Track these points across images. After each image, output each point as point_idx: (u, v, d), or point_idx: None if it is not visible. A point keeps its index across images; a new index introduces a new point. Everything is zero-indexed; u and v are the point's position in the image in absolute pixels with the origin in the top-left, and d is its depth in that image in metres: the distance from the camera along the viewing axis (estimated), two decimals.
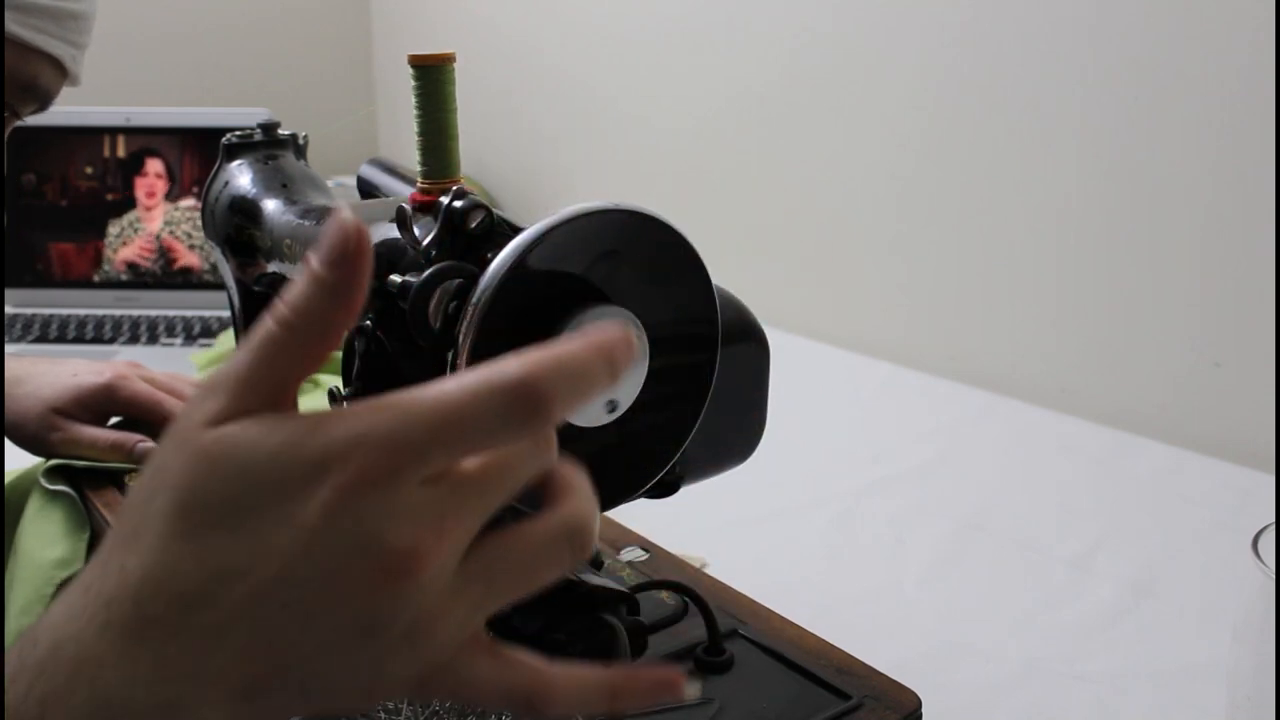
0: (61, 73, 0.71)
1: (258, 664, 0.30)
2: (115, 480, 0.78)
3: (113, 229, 1.36)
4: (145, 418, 0.80)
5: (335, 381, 0.53)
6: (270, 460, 0.30)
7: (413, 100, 0.52)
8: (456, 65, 0.52)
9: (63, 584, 0.72)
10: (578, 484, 0.34)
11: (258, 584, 0.30)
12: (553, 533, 0.33)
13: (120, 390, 0.80)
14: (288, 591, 0.30)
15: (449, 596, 0.31)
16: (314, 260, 0.32)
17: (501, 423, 0.31)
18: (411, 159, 0.54)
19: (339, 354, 0.67)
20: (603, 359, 0.32)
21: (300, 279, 0.32)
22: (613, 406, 0.48)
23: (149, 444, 0.78)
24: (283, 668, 0.31)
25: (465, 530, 0.31)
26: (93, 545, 0.76)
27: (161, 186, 1.36)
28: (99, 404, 0.80)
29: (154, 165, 1.36)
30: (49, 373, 0.81)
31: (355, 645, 0.31)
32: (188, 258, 1.36)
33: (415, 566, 0.30)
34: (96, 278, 1.37)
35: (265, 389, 0.32)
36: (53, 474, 0.77)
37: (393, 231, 0.54)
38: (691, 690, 0.34)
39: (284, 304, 0.32)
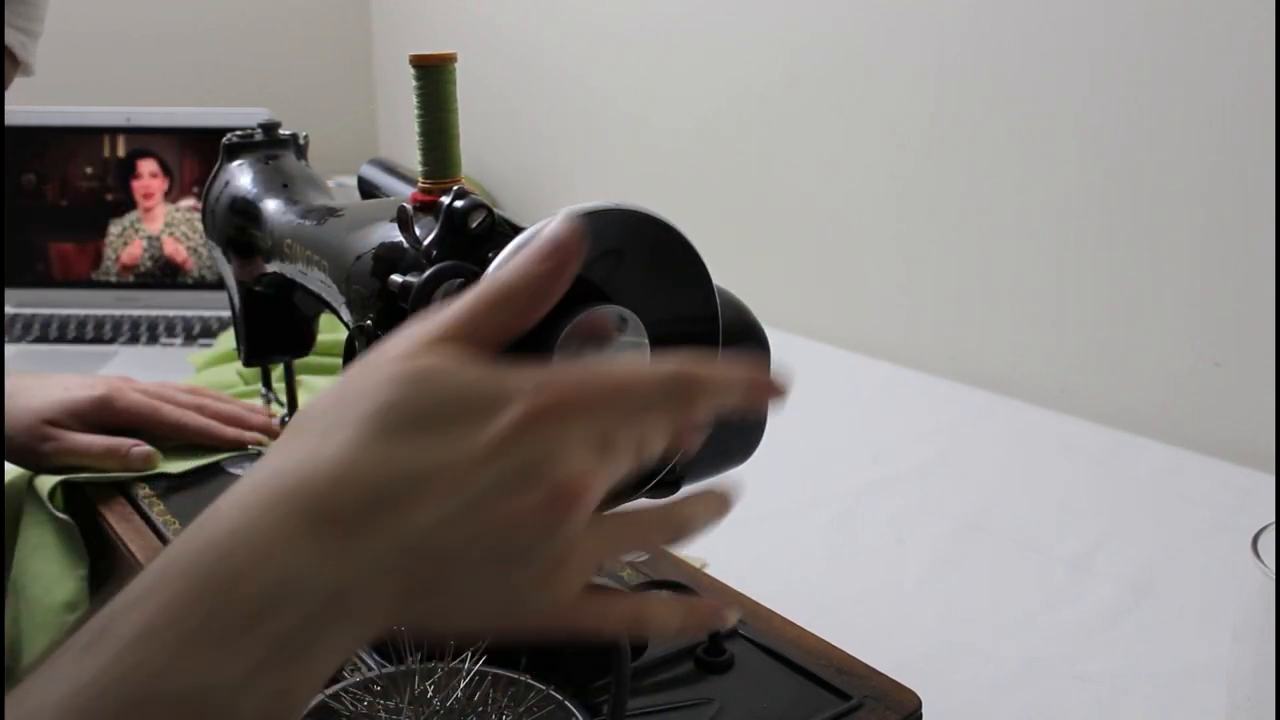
0: (13, 61, 0.71)
1: (423, 566, 0.33)
2: (123, 490, 0.77)
3: (114, 229, 1.36)
4: (144, 426, 0.80)
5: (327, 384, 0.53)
6: (465, 385, 0.34)
7: (413, 100, 0.52)
8: (457, 65, 0.52)
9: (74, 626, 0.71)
10: (709, 492, 0.40)
11: (439, 490, 0.33)
12: (663, 518, 0.38)
13: (116, 401, 0.80)
14: (465, 500, 0.33)
15: (586, 540, 0.35)
16: (531, 250, 0.38)
17: (655, 400, 0.36)
18: (412, 159, 0.54)
19: (338, 360, 0.67)
20: (744, 386, 0.38)
21: (514, 262, 0.38)
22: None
23: (144, 448, 0.78)
24: (445, 573, 0.33)
25: (610, 480, 0.35)
26: (92, 579, 0.75)
27: (158, 186, 1.36)
28: (94, 416, 0.79)
29: (147, 165, 1.36)
30: (37, 386, 0.81)
31: (509, 569, 0.34)
32: (186, 261, 1.36)
33: (575, 500, 0.34)
34: (96, 278, 1.37)
35: (470, 341, 0.36)
36: (57, 495, 0.76)
37: (393, 231, 0.54)
38: (732, 615, 0.41)
39: (495, 282, 0.37)
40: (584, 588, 0.36)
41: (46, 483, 0.76)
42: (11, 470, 0.80)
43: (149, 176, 1.36)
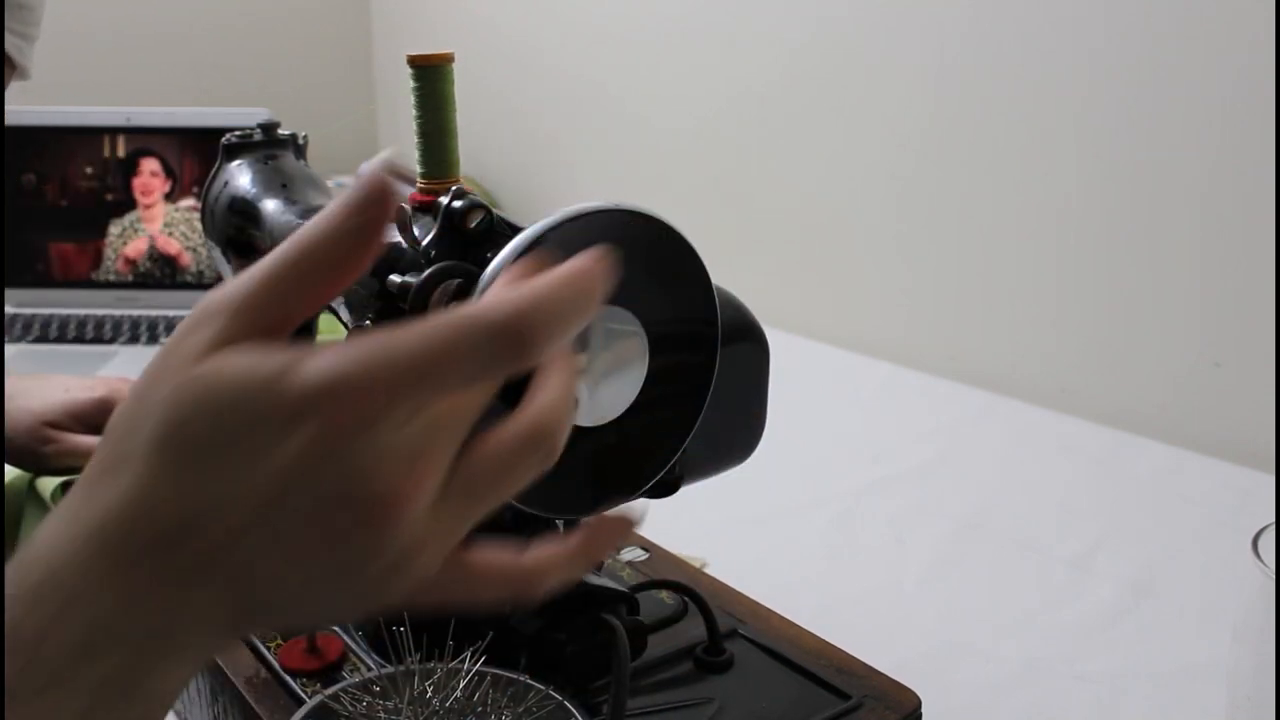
0: (9, 65, 0.70)
1: (244, 596, 0.31)
2: None
3: (114, 229, 1.36)
4: None
5: None
6: (252, 398, 0.30)
7: (412, 100, 0.52)
8: (456, 65, 0.52)
9: None
10: (545, 384, 0.33)
11: (240, 521, 0.30)
12: (521, 438, 0.32)
13: (117, 402, 0.80)
14: (269, 529, 0.30)
15: (429, 527, 0.31)
16: (337, 201, 0.32)
17: (487, 363, 0.30)
18: (411, 159, 0.54)
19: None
20: (582, 291, 0.31)
21: (320, 218, 0.32)
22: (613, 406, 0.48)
23: None
24: (267, 599, 0.31)
25: (443, 463, 0.31)
26: None
27: (158, 185, 1.36)
28: (93, 417, 0.79)
29: (149, 165, 1.36)
30: (36, 387, 0.81)
31: (340, 581, 0.31)
32: (180, 255, 1.36)
33: (396, 509, 0.30)
34: (96, 278, 1.37)
35: (265, 319, 0.32)
36: (58, 497, 0.76)
37: (392, 231, 0.54)
38: (639, 510, 0.35)
39: (297, 239, 0.32)
40: (449, 560, 0.32)
41: (49, 485, 0.76)
42: (11, 472, 0.80)
43: (150, 175, 1.36)
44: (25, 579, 0.31)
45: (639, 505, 0.35)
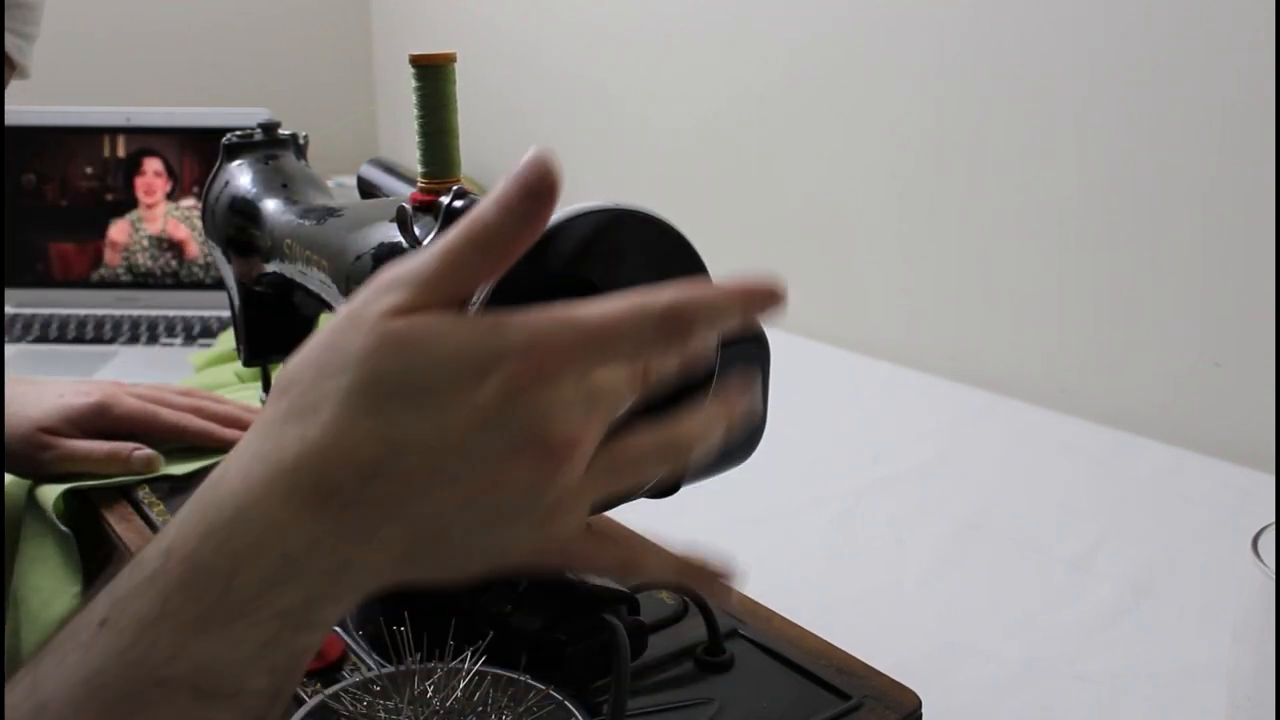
0: (9, 64, 0.70)
1: (423, 531, 0.34)
2: (125, 494, 0.77)
3: (114, 229, 1.36)
4: (141, 431, 0.80)
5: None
6: (455, 349, 0.34)
7: (413, 100, 0.52)
8: (456, 65, 0.52)
9: None
10: (707, 408, 0.38)
11: (432, 459, 0.33)
12: (659, 443, 0.37)
13: (113, 407, 0.80)
14: (459, 467, 0.33)
15: (585, 481, 0.35)
16: (509, 185, 0.36)
17: (650, 340, 0.35)
18: (411, 159, 0.54)
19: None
20: (739, 302, 0.37)
21: (493, 199, 0.36)
22: None
23: (146, 451, 0.78)
24: (443, 536, 0.34)
25: (602, 427, 0.35)
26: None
27: (161, 185, 1.36)
28: (90, 422, 0.79)
29: (152, 164, 1.36)
30: (32, 393, 0.80)
31: (508, 520, 0.34)
32: (187, 239, 1.36)
33: (570, 453, 0.34)
34: (96, 278, 1.37)
35: (446, 291, 0.36)
36: (59, 505, 0.76)
37: (393, 231, 0.54)
38: (728, 592, 0.41)
39: (476, 219, 0.36)
40: (580, 529, 0.36)
41: (50, 494, 0.76)
42: (8, 479, 0.79)
43: (153, 175, 1.36)
44: (217, 516, 0.33)
45: (729, 587, 0.41)
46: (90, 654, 0.31)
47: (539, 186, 0.36)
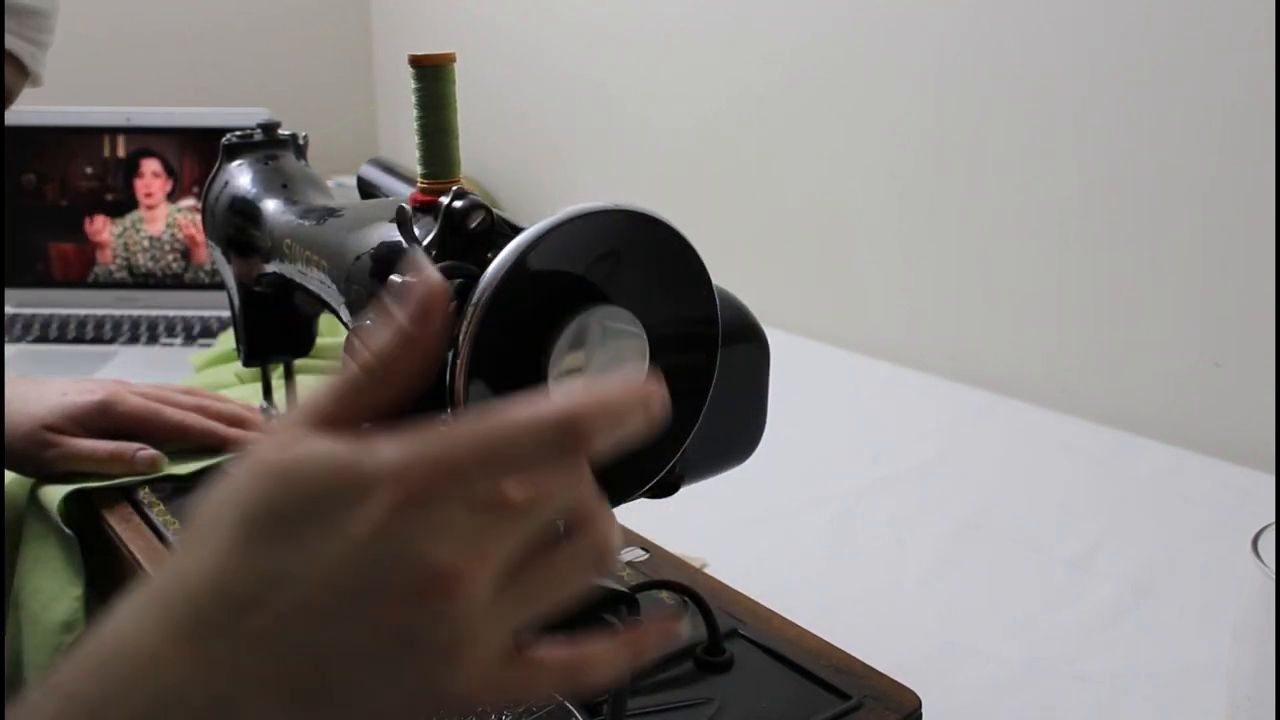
0: (22, 71, 0.70)
1: (303, 669, 0.32)
2: (126, 494, 0.77)
3: (114, 228, 1.36)
4: (144, 430, 0.80)
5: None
6: (326, 476, 0.33)
7: (413, 100, 0.52)
8: (456, 65, 0.52)
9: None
10: (602, 511, 0.36)
11: (306, 591, 0.32)
12: (580, 556, 0.35)
13: (116, 406, 0.79)
14: (333, 600, 0.32)
15: (486, 615, 0.33)
16: (400, 314, 0.35)
17: (543, 453, 0.33)
18: (411, 159, 0.54)
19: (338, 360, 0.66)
20: (639, 404, 0.35)
21: (385, 329, 0.36)
22: None
23: (149, 451, 0.78)
24: (326, 675, 0.32)
25: (502, 553, 0.33)
26: (96, 589, 0.75)
27: (160, 186, 1.36)
28: (94, 420, 0.79)
29: (150, 165, 1.36)
30: (34, 391, 0.80)
31: (395, 658, 0.32)
32: (200, 255, 1.36)
33: (455, 585, 0.32)
34: (92, 278, 1.36)
35: (341, 424, 0.35)
36: (64, 504, 0.76)
37: (393, 232, 0.54)
38: (684, 628, 0.39)
39: (370, 351, 0.36)
40: (505, 656, 0.34)
41: (55, 495, 0.75)
42: (11, 478, 0.79)
43: (151, 176, 1.36)
44: (104, 643, 0.33)
45: (682, 623, 0.39)
46: None
47: (427, 311, 0.35)
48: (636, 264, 0.48)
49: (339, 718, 0.33)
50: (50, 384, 0.82)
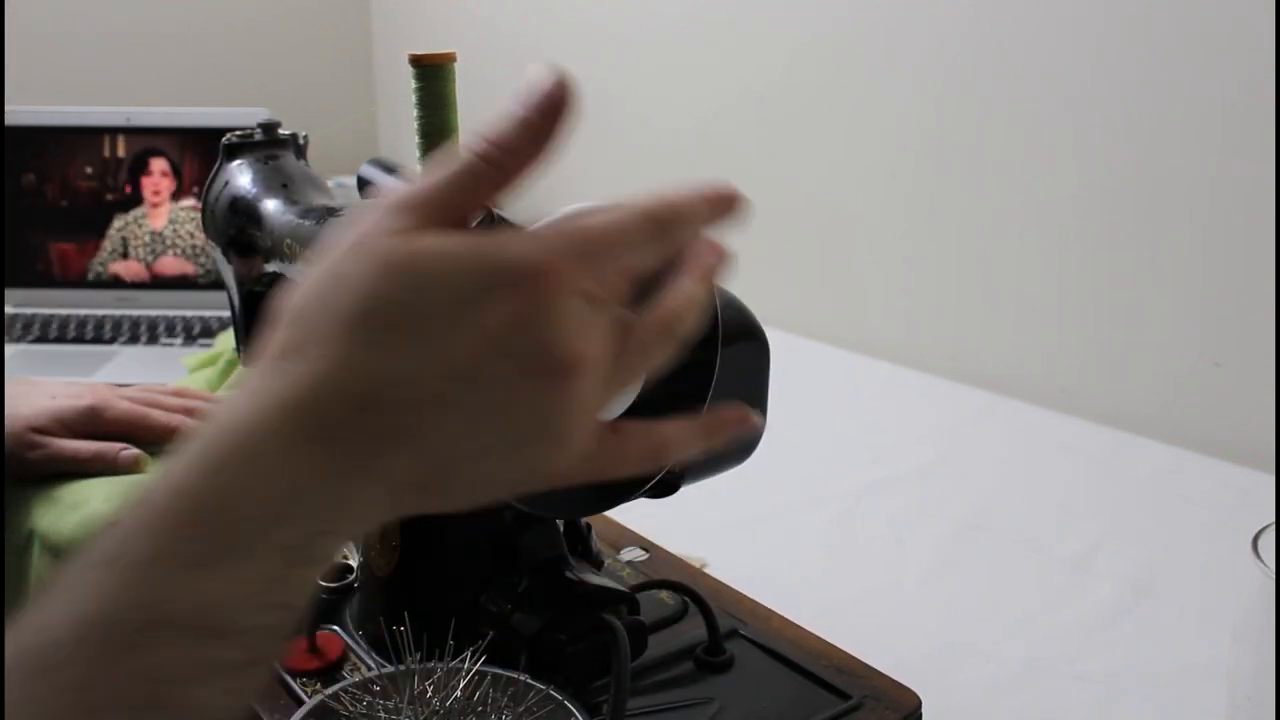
0: None
1: (425, 464, 0.33)
2: None
3: (116, 223, 1.36)
4: (132, 434, 0.80)
5: None
6: (458, 272, 0.33)
7: (414, 100, 0.52)
8: (456, 65, 0.52)
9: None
10: (679, 284, 0.38)
11: (437, 388, 0.32)
12: (658, 326, 0.37)
13: (105, 412, 0.79)
14: (466, 395, 0.32)
15: (601, 393, 0.35)
16: (521, 102, 0.37)
17: (640, 243, 0.36)
18: (411, 159, 0.54)
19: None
20: (709, 206, 0.39)
21: (504, 116, 0.36)
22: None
23: (132, 451, 0.78)
24: (448, 468, 0.33)
25: (609, 336, 0.35)
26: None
27: (167, 185, 1.36)
28: (82, 426, 0.78)
29: (159, 164, 1.36)
30: (22, 394, 0.80)
31: (515, 443, 0.33)
32: (180, 267, 1.36)
33: (581, 369, 0.33)
34: (91, 277, 1.36)
35: (453, 212, 0.35)
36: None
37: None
38: (757, 418, 0.41)
39: (486, 138, 0.36)
40: (601, 435, 0.36)
41: (56, 516, 0.75)
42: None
43: (160, 175, 1.36)
44: (216, 452, 0.32)
45: (757, 417, 0.41)
46: (93, 593, 0.31)
47: (553, 102, 0.37)
48: None
49: (449, 503, 0.34)
50: (40, 386, 0.82)
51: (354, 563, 0.66)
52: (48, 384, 0.83)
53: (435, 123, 0.52)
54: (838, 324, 1.34)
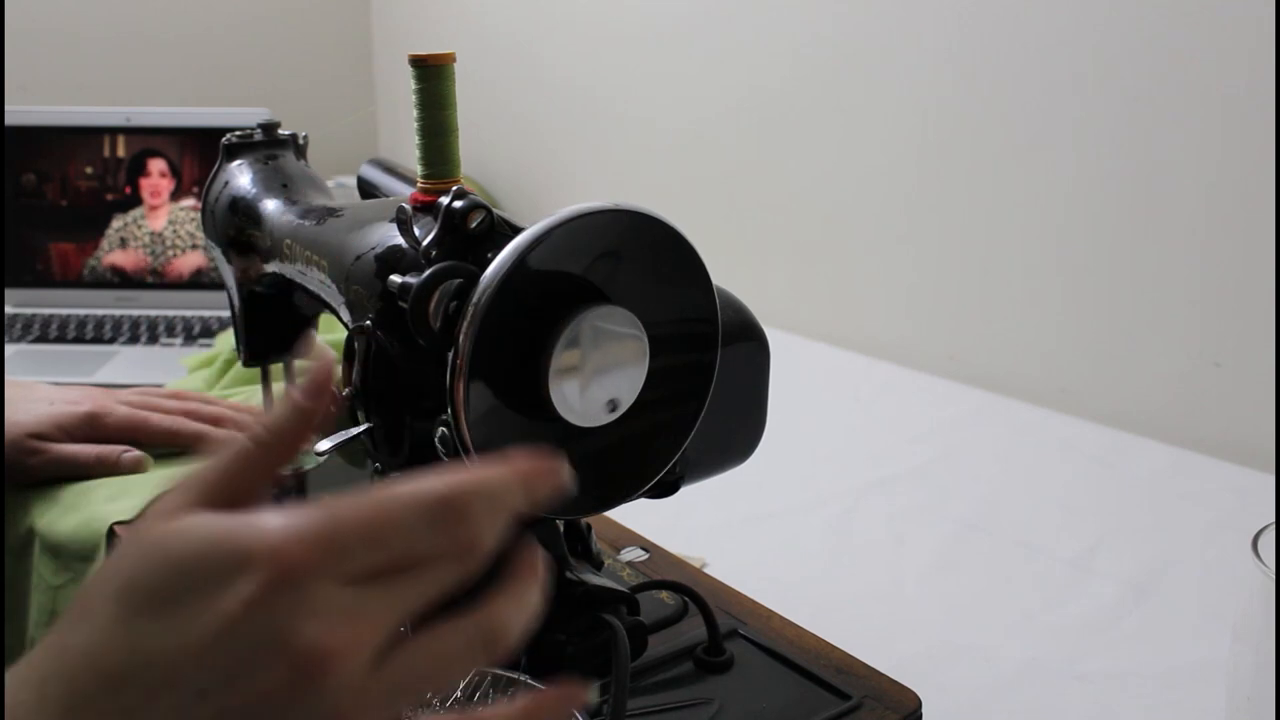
0: None
1: None
2: None
3: (115, 223, 1.36)
4: (134, 438, 0.80)
5: None
6: (200, 552, 0.32)
7: (413, 100, 0.52)
8: (456, 65, 0.52)
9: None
10: (509, 589, 0.35)
11: (177, 669, 0.31)
12: (469, 636, 0.34)
13: (104, 418, 0.79)
14: (203, 678, 0.31)
15: (363, 694, 0.32)
16: (297, 391, 0.37)
17: (422, 532, 0.33)
18: (411, 159, 0.54)
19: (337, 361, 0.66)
20: (521, 485, 0.35)
21: (283, 405, 0.37)
22: (613, 406, 0.48)
23: (134, 453, 0.78)
24: None
25: (380, 630, 0.33)
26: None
27: (166, 185, 1.36)
28: (82, 432, 0.78)
29: (157, 165, 1.36)
30: (19, 399, 0.80)
31: None
32: (182, 264, 1.36)
33: (327, 665, 0.31)
34: (89, 276, 1.36)
35: (226, 493, 0.35)
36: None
37: (393, 232, 0.54)
38: (591, 695, 0.36)
39: (262, 424, 0.36)
40: None
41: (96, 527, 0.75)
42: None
43: (158, 175, 1.36)
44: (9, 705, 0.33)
45: (591, 693, 0.37)
46: None
47: (320, 388, 0.36)
48: (636, 264, 0.48)
49: None
50: (36, 391, 0.82)
51: None
52: (42, 389, 0.82)
53: (435, 123, 0.52)
54: (838, 324, 1.34)
